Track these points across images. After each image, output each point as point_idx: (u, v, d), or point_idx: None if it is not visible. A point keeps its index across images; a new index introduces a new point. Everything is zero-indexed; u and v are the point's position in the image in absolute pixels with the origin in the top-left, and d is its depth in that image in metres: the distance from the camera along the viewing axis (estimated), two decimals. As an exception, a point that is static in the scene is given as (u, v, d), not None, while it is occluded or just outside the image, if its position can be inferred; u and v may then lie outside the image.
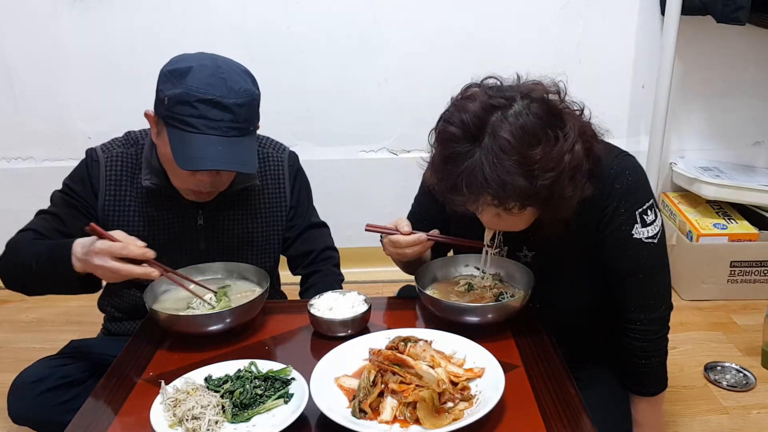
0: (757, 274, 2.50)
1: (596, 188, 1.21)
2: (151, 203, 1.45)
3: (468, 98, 1.15)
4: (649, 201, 1.26)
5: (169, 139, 1.27)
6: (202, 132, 1.25)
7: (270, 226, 1.55)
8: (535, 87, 1.16)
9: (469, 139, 1.10)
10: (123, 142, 1.48)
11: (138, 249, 1.20)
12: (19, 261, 1.33)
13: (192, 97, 1.24)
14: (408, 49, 2.53)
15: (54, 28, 2.47)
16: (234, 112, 1.26)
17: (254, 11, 2.46)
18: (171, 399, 1.04)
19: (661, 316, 1.30)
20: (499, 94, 1.13)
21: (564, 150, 1.10)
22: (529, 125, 1.09)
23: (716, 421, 1.85)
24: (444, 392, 1.03)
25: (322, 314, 1.28)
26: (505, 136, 1.07)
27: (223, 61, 1.32)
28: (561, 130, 1.12)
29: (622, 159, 1.26)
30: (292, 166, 1.58)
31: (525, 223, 1.23)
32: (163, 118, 1.28)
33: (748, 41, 2.56)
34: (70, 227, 1.41)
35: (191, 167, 1.26)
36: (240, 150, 1.29)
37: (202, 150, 1.25)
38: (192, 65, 1.27)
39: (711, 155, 2.75)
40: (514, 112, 1.10)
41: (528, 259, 1.38)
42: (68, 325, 2.44)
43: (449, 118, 1.14)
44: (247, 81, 1.31)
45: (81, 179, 1.45)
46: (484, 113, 1.10)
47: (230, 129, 1.27)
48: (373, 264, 2.56)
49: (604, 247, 1.28)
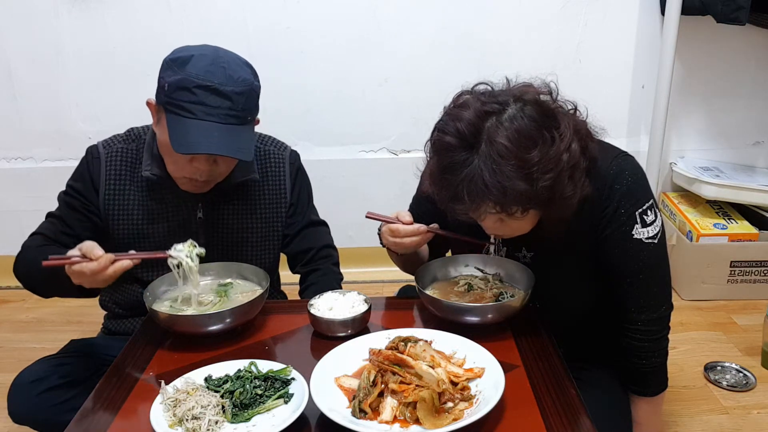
0: (757, 274, 2.50)
1: (596, 189, 1.21)
2: (151, 196, 1.46)
3: (461, 106, 1.15)
4: (649, 201, 1.26)
5: (167, 125, 1.29)
6: (200, 118, 1.26)
7: (269, 221, 1.56)
8: (526, 89, 1.16)
9: (466, 147, 1.11)
10: (124, 137, 1.50)
11: (94, 264, 1.20)
12: (27, 269, 1.38)
13: (191, 83, 1.25)
14: (408, 49, 2.53)
15: (54, 28, 2.48)
16: (232, 99, 1.28)
17: (254, 11, 2.46)
18: (171, 399, 1.04)
19: (661, 316, 1.30)
20: (492, 99, 1.13)
21: (561, 150, 1.11)
22: (525, 128, 1.09)
23: (716, 421, 1.85)
24: (444, 392, 1.03)
25: (322, 314, 1.28)
26: (501, 141, 1.07)
27: (224, 51, 1.34)
28: (557, 130, 1.12)
29: (622, 159, 1.26)
30: (293, 164, 1.59)
31: (528, 226, 1.23)
32: (163, 105, 1.30)
33: (748, 41, 2.56)
34: (75, 229, 1.44)
35: (186, 151, 1.28)
36: (237, 138, 1.30)
37: (199, 135, 1.26)
38: (193, 54, 1.29)
39: (711, 155, 2.75)
40: (508, 116, 1.10)
41: (527, 259, 1.38)
42: (68, 324, 2.44)
43: (444, 128, 1.14)
44: (247, 71, 1.33)
45: (82, 177, 1.46)
46: (478, 120, 1.10)
47: (228, 116, 1.28)
48: (373, 264, 2.56)
49: (605, 248, 1.28)
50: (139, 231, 1.46)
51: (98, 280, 1.23)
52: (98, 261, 1.20)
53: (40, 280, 1.37)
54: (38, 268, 1.28)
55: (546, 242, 1.30)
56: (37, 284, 1.40)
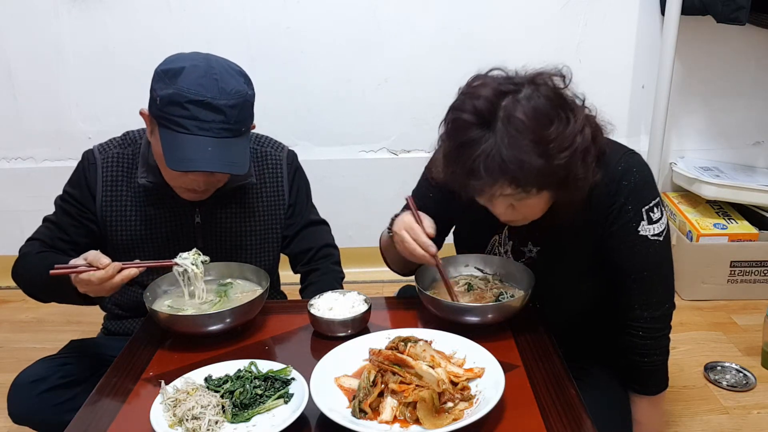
0: (757, 274, 2.50)
1: (604, 184, 1.22)
2: (148, 202, 1.45)
3: (477, 87, 1.16)
4: (656, 199, 1.27)
5: (160, 139, 1.28)
6: (193, 133, 1.25)
7: (268, 224, 1.56)
8: (540, 73, 1.18)
9: (483, 125, 1.11)
10: (120, 142, 1.49)
11: (101, 272, 1.20)
12: (27, 277, 1.38)
13: (183, 98, 1.24)
14: (408, 49, 2.53)
15: (54, 28, 2.47)
16: (225, 113, 1.26)
17: (254, 11, 2.46)
18: (171, 399, 1.04)
19: (664, 314, 1.31)
20: (508, 81, 1.15)
21: (576, 130, 1.12)
22: (541, 107, 1.10)
23: (716, 421, 1.85)
24: (444, 392, 1.03)
25: (322, 314, 1.28)
26: (519, 117, 1.08)
27: (216, 61, 1.31)
28: (571, 112, 1.14)
29: (630, 156, 1.27)
30: (291, 165, 1.58)
31: (538, 212, 1.23)
32: (156, 118, 1.29)
33: (748, 41, 2.56)
34: (72, 236, 1.44)
35: (180, 168, 1.27)
36: (231, 151, 1.29)
37: (193, 151, 1.25)
38: (184, 65, 1.26)
39: (711, 155, 2.75)
40: (524, 95, 1.11)
41: (533, 254, 1.37)
42: (68, 324, 2.44)
43: (461, 107, 1.15)
44: (240, 81, 1.31)
45: (78, 183, 1.46)
46: (495, 98, 1.11)
47: (221, 130, 1.27)
48: (373, 264, 2.54)
49: (610, 244, 1.29)
50: (137, 236, 1.46)
51: (105, 289, 1.22)
52: (105, 269, 1.20)
53: (42, 287, 1.36)
54: (40, 275, 1.29)
55: (552, 237, 1.30)
56: (39, 291, 1.40)
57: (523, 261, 1.38)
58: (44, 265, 1.29)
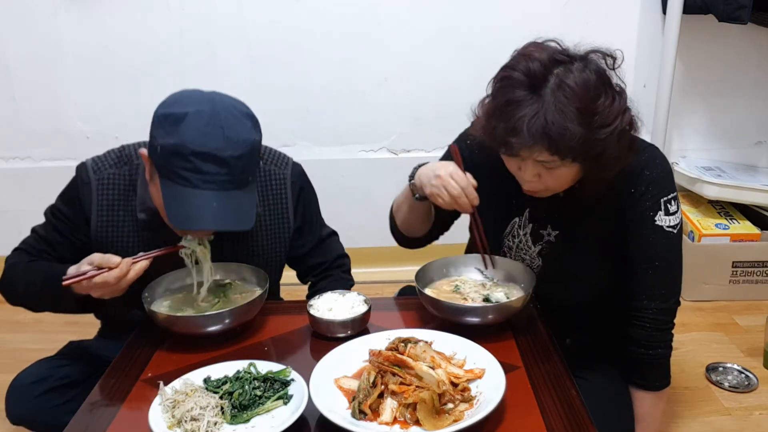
0: (759, 274, 2.49)
1: (627, 172, 1.26)
2: (146, 226, 1.38)
3: (534, 50, 1.18)
4: (674, 192, 1.30)
5: (161, 189, 1.20)
6: (197, 186, 1.17)
7: (271, 248, 1.49)
8: (594, 50, 1.20)
9: (531, 87, 1.14)
10: (116, 160, 1.40)
11: (116, 271, 1.18)
12: (17, 289, 1.35)
13: (186, 149, 1.15)
14: (408, 48, 2.52)
15: (53, 28, 2.47)
16: (231, 165, 1.17)
17: (254, 11, 2.46)
18: (170, 400, 1.04)
19: (670, 307, 1.32)
20: (563, 52, 1.18)
21: (619, 110, 1.16)
22: (592, 80, 1.14)
23: (718, 422, 1.85)
24: (444, 393, 1.02)
25: (322, 315, 1.27)
26: (570, 84, 1.12)
27: (222, 105, 1.20)
28: (617, 93, 1.17)
29: (652, 149, 1.33)
30: (295, 183, 1.50)
31: (564, 183, 1.24)
32: (157, 167, 1.21)
33: (750, 40, 2.55)
34: (58, 251, 1.39)
35: (184, 227, 1.22)
36: (236, 205, 1.21)
37: (196, 207, 1.17)
38: (187, 111, 1.17)
39: (713, 155, 2.74)
40: (577, 67, 1.15)
41: (551, 237, 1.38)
42: (67, 325, 2.42)
43: (514, 66, 1.17)
44: (247, 127, 1.22)
45: (71, 201, 1.39)
46: (549, 64, 1.14)
47: (226, 183, 1.18)
48: (373, 264, 2.56)
49: (626, 230, 1.31)
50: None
51: (121, 287, 1.20)
52: (119, 267, 1.17)
53: (35, 297, 1.33)
54: (34, 284, 1.27)
55: (572, 222, 1.34)
56: (31, 301, 1.37)
57: (541, 244, 1.39)
58: (39, 276, 1.28)
